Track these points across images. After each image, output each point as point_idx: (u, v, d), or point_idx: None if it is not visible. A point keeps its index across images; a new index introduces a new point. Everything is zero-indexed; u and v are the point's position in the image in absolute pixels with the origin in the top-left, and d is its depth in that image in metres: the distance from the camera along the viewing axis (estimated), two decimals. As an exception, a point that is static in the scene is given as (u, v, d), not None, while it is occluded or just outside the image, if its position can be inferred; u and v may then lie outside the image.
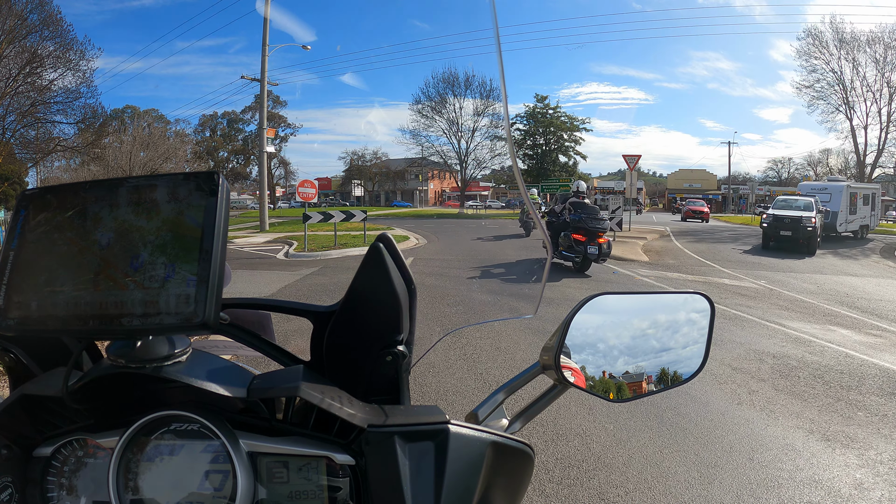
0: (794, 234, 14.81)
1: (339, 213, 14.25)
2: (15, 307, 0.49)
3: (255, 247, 14.93)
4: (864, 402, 3.92)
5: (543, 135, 49.73)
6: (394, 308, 0.67)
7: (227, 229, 0.49)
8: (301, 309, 0.75)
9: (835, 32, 28.80)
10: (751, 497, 2.60)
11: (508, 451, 0.63)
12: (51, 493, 0.59)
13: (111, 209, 0.49)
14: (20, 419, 0.59)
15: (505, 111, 0.71)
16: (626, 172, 19.96)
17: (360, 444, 0.56)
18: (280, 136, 52.78)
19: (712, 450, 3.09)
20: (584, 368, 0.69)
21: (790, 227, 14.91)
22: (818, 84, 30.28)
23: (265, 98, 22.09)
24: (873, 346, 5.50)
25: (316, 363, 0.73)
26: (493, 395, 0.74)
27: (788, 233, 14.96)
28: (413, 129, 55.99)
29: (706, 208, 34.24)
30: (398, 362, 0.69)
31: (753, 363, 4.78)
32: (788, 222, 14.97)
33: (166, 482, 0.54)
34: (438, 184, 66.08)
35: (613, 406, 3.45)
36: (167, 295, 0.46)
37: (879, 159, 29.93)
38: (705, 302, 0.75)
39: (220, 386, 0.53)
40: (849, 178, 32.53)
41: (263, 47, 21.18)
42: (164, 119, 46.07)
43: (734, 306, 7.19)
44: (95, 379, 0.52)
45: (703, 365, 0.73)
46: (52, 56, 20.56)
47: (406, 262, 0.70)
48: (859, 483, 2.78)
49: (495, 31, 0.65)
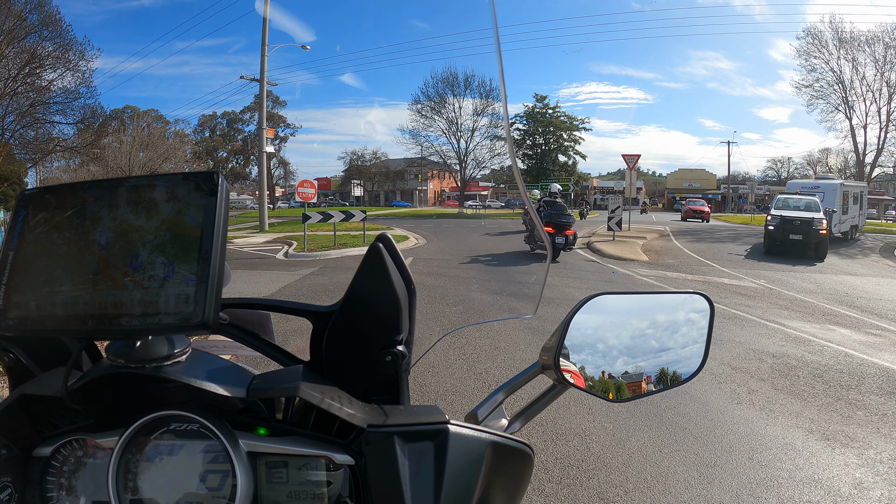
0: (804, 238, 13.35)
1: (339, 213, 14.24)
2: (14, 307, 0.49)
3: (254, 247, 14.93)
4: (864, 401, 3.93)
5: (543, 134, 49.78)
6: (393, 308, 0.67)
7: (226, 229, 0.49)
8: (300, 309, 0.75)
9: (834, 32, 28.84)
10: (750, 496, 2.61)
11: (508, 451, 0.63)
12: (50, 494, 0.59)
13: (110, 209, 0.49)
14: (19, 419, 0.58)
15: (504, 111, 0.71)
16: (625, 172, 19.97)
17: (360, 444, 0.56)
18: (279, 137, 52.79)
19: (712, 449, 3.09)
20: (584, 368, 0.69)
21: (801, 229, 13.43)
22: (818, 83, 30.31)
23: (264, 98, 22.09)
24: (873, 345, 5.51)
25: (315, 363, 0.73)
26: (493, 395, 0.74)
27: (798, 236, 13.43)
28: (412, 129, 56.26)
29: (706, 208, 33.84)
30: (398, 362, 0.69)
31: (753, 362, 4.78)
32: (798, 224, 13.46)
33: (166, 482, 0.54)
34: (438, 184, 66.09)
35: (613, 406, 3.45)
36: (166, 295, 0.46)
37: (879, 158, 29.94)
38: (705, 302, 0.75)
39: (219, 386, 0.53)
40: (847, 177, 32.52)
41: (263, 47, 21.16)
42: (164, 119, 46.15)
43: (734, 306, 7.20)
44: (95, 379, 0.52)
45: (703, 365, 0.73)
46: (52, 56, 20.58)
47: (406, 262, 0.70)
48: (859, 482, 2.78)
49: (495, 31, 0.65)
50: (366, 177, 60.64)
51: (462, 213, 37.09)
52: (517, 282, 8.97)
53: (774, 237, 14.02)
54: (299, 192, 15.48)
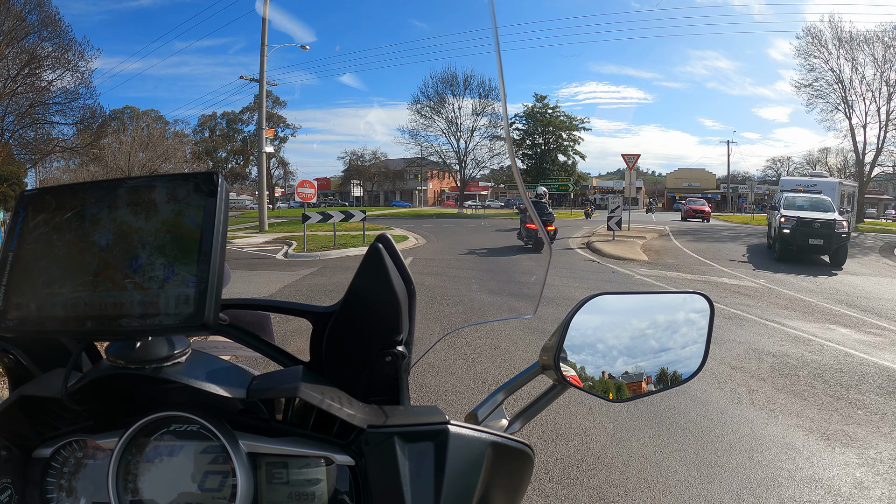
0: (825, 243, 11.64)
1: (339, 214, 14.25)
2: (14, 308, 0.49)
3: (254, 247, 14.93)
4: (864, 400, 3.93)
5: (542, 134, 49.84)
6: (393, 308, 0.67)
7: (226, 230, 0.49)
8: (300, 309, 0.75)
9: (834, 31, 28.80)
10: (750, 496, 2.61)
11: (508, 452, 0.63)
12: (50, 495, 0.59)
13: (110, 210, 0.49)
14: (19, 420, 0.58)
15: (504, 111, 0.71)
16: (625, 172, 19.97)
17: (360, 444, 0.56)
18: (279, 137, 52.83)
19: (712, 449, 3.09)
20: (584, 369, 0.69)
21: (822, 233, 11.58)
22: (817, 83, 30.23)
23: (264, 98, 22.08)
24: (873, 344, 5.51)
25: (315, 364, 0.73)
26: (493, 396, 0.74)
27: (819, 241, 11.61)
28: (412, 129, 56.27)
29: (707, 207, 33.58)
30: (397, 363, 0.69)
31: (753, 362, 4.78)
32: (819, 227, 11.63)
33: (166, 483, 0.54)
34: (437, 184, 66.10)
35: (613, 406, 3.45)
36: (166, 296, 0.46)
37: (878, 158, 29.91)
38: (704, 302, 0.75)
39: (219, 387, 0.53)
40: (847, 177, 32.49)
41: (262, 47, 21.16)
42: (163, 119, 46.08)
43: (733, 305, 7.20)
44: (95, 380, 0.52)
45: (703, 365, 0.73)
46: (51, 57, 20.54)
47: (405, 262, 0.70)
48: (859, 482, 2.78)
49: (494, 31, 0.65)
50: (365, 177, 60.66)
51: (462, 213, 37.11)
52: (517, 282, 8.97)
53: (790, 241, 12.01)
54: (299, 193, 15.50)
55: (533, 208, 0.73)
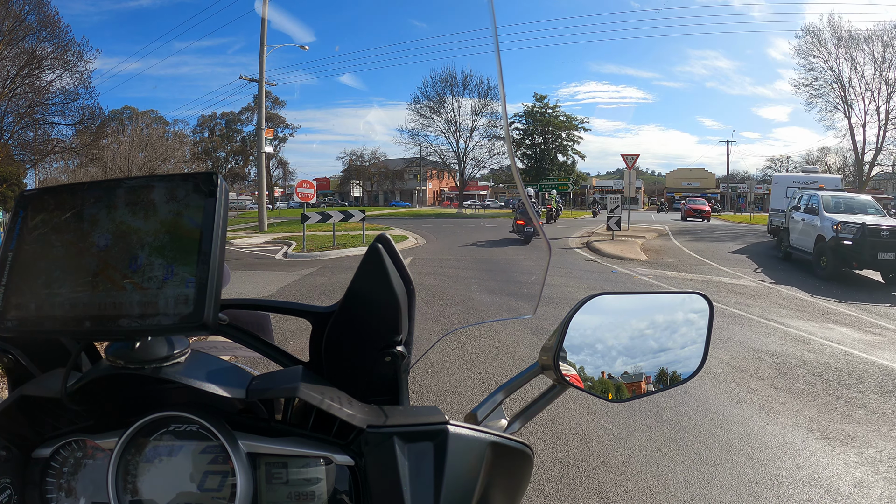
0: None
1: (338, 214, 14.24)
2: (13, 308, 0.49)
3: (253, 247, 14.92)
4: (864, 400, 3.93)
5: (542, 134, 49.84)
6: (393, 308, 0.67)
7: (225, 230, 0.49)
8: (300, 309, 0.75)
9: (833, 30, 28.82)
10: (750, 495, 2.61)
11: (508, 452, 0.63)
12: (50, 495, 0.59)
13: (109, 210, 0.49)
14: (19, 420, 0.58)
15: (504, 111, 0.71)
16: (624, 171, 19.96)
17: (360, 444, 0.56)
18: (278, 137, 52.86)
19: (711, 448, 3.09)
20: (583, 369, 0.69)
21: (892, 244, 8.68)
22: (816, 82, 30.24)
23: (263, 98, 22.07)
24: (872, 344, 5.51)
25: (315, 364, 0.73)
26: (493, 396, 0.74)
27: (891, 255, 8.65)
28: (411, 129, 56.36)
29: (707, 207, 33.25)
30: (397, 363, 0.69)
31: (752, 361, 4.79)
32: (888, 237, 8.71)
33: (165, 483, 0.54)
34: (437, 183, 66.11)
35: (613, 406, 3.45)
36: (166, 296, 0.46)
37: (878, 157, 29.93)
38: (704, 302, 0.75)
39: (218, 387, 0.53)
40: (847, 176, 32.47)
41: (261, 48, 21.14)
42: (163, 120, 46.05)
43: (733, 305, 7.20)
44: (94, 380, 0.52)
45: (702, 365, 0.73)
46: (50, 57, 20.56)
47: (405, 263, 0.70)
48: (859, 481, 2.78)
49: (493, 31, 0.65)
50: (365, 177, 60.62)
51: (461, 213, 37.11)
52: (517, 282, 8.97)
53: (852, 256, 9.02)
54: (298, 193, 15.49)
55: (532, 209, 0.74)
